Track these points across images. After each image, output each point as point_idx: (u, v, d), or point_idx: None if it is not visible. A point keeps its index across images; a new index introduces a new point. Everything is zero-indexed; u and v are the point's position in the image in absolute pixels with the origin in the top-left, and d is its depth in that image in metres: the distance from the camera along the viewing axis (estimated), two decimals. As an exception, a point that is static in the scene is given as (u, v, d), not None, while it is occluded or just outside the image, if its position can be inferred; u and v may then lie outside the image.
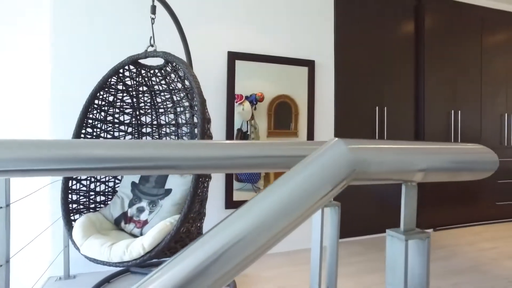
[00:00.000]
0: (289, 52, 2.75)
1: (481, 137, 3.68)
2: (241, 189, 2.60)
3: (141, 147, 0.54)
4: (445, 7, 3.48)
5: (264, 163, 0.61)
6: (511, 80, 3.90)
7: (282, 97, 2.73)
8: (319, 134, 2.88)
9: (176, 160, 0.55)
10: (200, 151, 0.57)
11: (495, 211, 3.79)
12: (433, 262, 2.54)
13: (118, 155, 0.52)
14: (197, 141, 0.61)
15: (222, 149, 0.58)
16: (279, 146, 0.63)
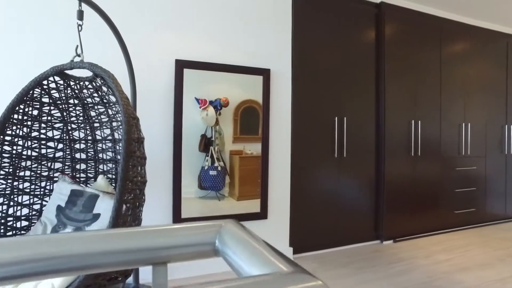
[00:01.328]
0: (243, 60, 2.67)
1: (440, 147, 3.76)
2: (204, 197, 2.54)
3: None
4: (405, 16, 3.52)
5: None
6: (468, 90, 4.01)
7: (249, 102, 2.69)
8: (276, 145, 2.82)
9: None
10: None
11: (453, 220, 3.88)
12: (389, 277, 2.53)
13: None
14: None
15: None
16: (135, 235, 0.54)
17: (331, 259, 2.91)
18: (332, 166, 3.11)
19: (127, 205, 1.42)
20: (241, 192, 2.66)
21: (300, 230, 2.95)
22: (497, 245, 3.36)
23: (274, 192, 2.81)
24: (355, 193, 3.26)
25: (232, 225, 0.53)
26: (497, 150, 4.30)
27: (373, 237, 3.39)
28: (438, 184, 3.73)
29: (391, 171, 3.38)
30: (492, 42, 4.25)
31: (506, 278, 2.56)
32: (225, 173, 2.61)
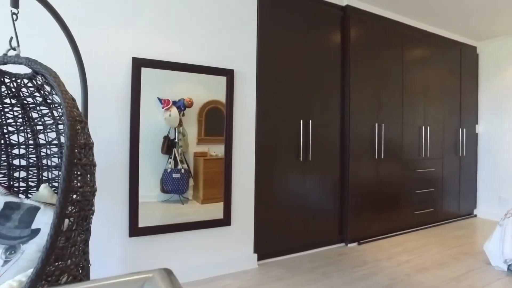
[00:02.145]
0: (206, 60, 2.56)
1: (402, 149, 3.87)
2: (167, 201, 2.43)
3: None
4: (369, 20, 3.58)
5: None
6: (427, 95, 4.18)
7: (214, 102, 2.61)
8: (240, 147, 2.73)
9: None
10: None
11: (413, 220, 4.02)
12: (355, 282, 2.54)
13: None
14: None
15: None
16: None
17: (297, 264, 2.88)
18: (297, 169, 3.08)
19: (71, 220, 1.27)
20: (206, 195, 2.56)
21: (265, 236, 2.89)
22: (452, 244, 3.51)
23: (238, 196, 2.72)
24: (320, 197, 3.26)
25: (159, 279, 0.43)
26: (452, 152, 4.52)
27: (338, 240, 3.42)
28: (400, 185, 3.84)
29: (356, 173, 3.42)
30: (448, 50, 4.46)
31: (460, 276, 2.66)
32: (188, 175, 2.51)
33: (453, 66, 4.54)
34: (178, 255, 2.45)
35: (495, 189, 4.74)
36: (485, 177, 4.86)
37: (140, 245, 2.31)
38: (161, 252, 2.39)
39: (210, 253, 2.59)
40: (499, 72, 4.74)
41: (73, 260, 1.31)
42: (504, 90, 4.68)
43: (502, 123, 4.70)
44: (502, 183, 4.67)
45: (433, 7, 3.67)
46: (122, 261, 2.24)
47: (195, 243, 2.53)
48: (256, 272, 2.69)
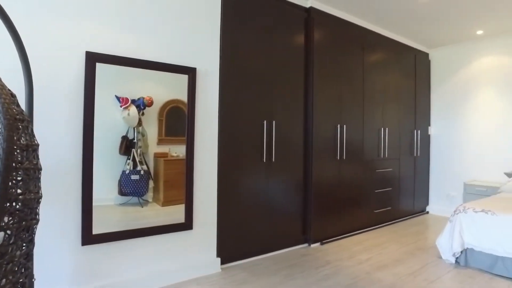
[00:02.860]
0: (167, 57, 2.45)
1: (363, 150, 3.99)
2: (125, 204, 2.30)
3: None
4: (332, 23, 3.64)
5: None
6: (386, 97, 4.35)
7: (175, 102, 2.51)
8: (202, 148, 2.65)
9: None
10: None
11: (373, 219, 4.16)
12: (318, 283, 2.55)
13: None
14: None
15: None
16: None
17: (261, 267, 2.85)
18: (261, 170, 3.05)
19: (8, 232, 1.12)
20: (166, 197, 2.46)
21: (228, 239, 2.82)
22: (408, 240, 3.68)
23: (200, 198, 2.64)
24: (284, 198, 3.26)
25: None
26: (408, 152, 4.75)
27: (302, 241, 3.44)
28: (360, 185, 3.96)
29: (319, 174, 3.46)
30: (404, 55, 4.68)
31: (416, 271, 2.79)
32: (148, 177, 2.38)
33: (409, 71, 4.77)
34: (137, 263, 2.32)
35: (444, 187, 5.06)
36: (436, 176, 5.18)
37: (94, 254, 2.15)
38: (118, 260, 2.24)
39: (172, 259, 2.48)
40: (449, 78, 5.07)
41: (9, 278, 1.16)
42: (453, 95, 5.01)
43: (451, 126, 5.02)
44: (450, 182, 5.00)
45: (390, 13, 3.83)
46: (73, 273, 2.07)
47: (155, 249, 2.40)
48: (219, 276, 2.62)
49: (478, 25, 4.21)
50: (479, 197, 4.27)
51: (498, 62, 4.57)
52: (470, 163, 4.81)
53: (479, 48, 4.76)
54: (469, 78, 4.85)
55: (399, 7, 3.67)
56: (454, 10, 3.72)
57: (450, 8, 3.66)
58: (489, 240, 2.79)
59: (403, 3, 3.54)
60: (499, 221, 2.76)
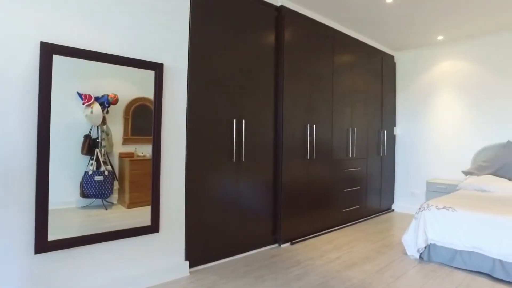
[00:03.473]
0: (132, 51, 2.32)
1: (332, 150, 4.04)
2: (88, 207, 2.16)
3: None
4: (302, 22, 3.65)
5: None
6: (354, 98, 4.44)
7: (142, 99, 2.40)
8: (169, 147, 2.55)
9: None
10: None
11: (341, 217, 4.23)
12: (289, 283, 2.54)
13: None
14: None
15: None
16: None
17: (231, 269, 2.79)
18: (230, 170, 2.99)
19: None
20: (132, 198, 2.34)
21: (197, 241, 2.74)
22: (375, 238, 3.77)
23: (167, 200, 2.54)
24: (253, 198, 3.22)
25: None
26: (375, 152, 4.89)
27: (272, 241, 3.42)
28: (330, 185, 4.01)
29: (288, 174, 3.46)
30: (372, 57, 4.81)
31: (383, 268, 2.86)
32: (113, 178, 2.26)
33: (376, 73, 4.92)
34: (99, 270, 2.18)
35: (408, 185, 5.27)
36: (401, 175, 5.38)
37: (50, 263, 1.98)
38: (78, 268, 2.09)
39: (137, 264, 2.36)
40: (413, 80, 5.28)
41: None
42: (417, 96, 5.23)
43: (414, 126, 5.24)
44: (414, 180, 5.21)
45: (358, 15, 3.91)
46: (24, 285, 1.89)
47: (120, 254, 2.27)
48: (187, 280, 2.53)
49: (439, 31, 4.42)
50: (440, 194, 4.47)
51: (456, 67, 4.82)
52: (431, 162, 5.05)
53: (440, 53, 5.00)
54: (431, 81, 5.08)
55: (367, 10, 3.76)
56: (416, 16, 3.87)
57: (413, 13, 3.80)
58: (450, 235, 2.92)
59: (370, 5, 3.63)
60: (459, 217, 2.90)
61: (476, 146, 4.61)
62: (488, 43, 4.55)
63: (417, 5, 3.58)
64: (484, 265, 2.74)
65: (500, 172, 4.20)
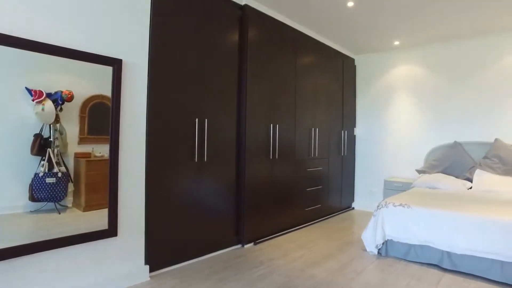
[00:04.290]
0: (87, 45, 2.21)
1: (295, 150, 4.12)
2: (38, 211, 2.02)
3: None
4: (266, 23, 3.69)
5: None
6: (316, 99, 4.57)
7: (100, 97, 2.28)
8: (128, 147, 2.46)
9: None
10: None
11: (304, 216, 4.33)
12: (252, 284, 2.55)
13: None
14: None
15: None
16: None
17: (193, 271, 2.75)
18: (192, 171, 2.95)
19: None
20: (89, 201, 2.23)
21: (158, 244, 2.67)
22: (336, 236, 3.90)
23: (126, 202, 2.44)
24: (216, 198, 3.20)
25: None
26: (336, 152, 5.06)
27: (235, 242, 3.42)
28: (292, 184, 4.09)
29: (251, 174, 3.48)
30: (333, 59, 4.97)
31: (344, 265, 2.96)
32: (67, 180, 2.13)
33: (337, 75, 5.09)
34: (49, 280, 2.04)
35: (367, 184, 5.52)
36: (361, 174, 5.62)
37: (-8, 272, 1.83)
38: (24, 279, 1.94)
39: (94, 270, 2.25)
40: (372, 83, 5.54)
41: None
42: (375, 98, 5.49)
43: (373, 127, 5.50)
44: (373, 179, 5.47)
45: (321, 18, 4.03)
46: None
47: (74, 261, 2.15)
48: (147, 286, 2.45)
49: (395, 37, 4.67)
50: (396, 192, 4.73)
51: (411, 71, 5.13)
52: (389, 161, 5.32)
53: (396, 58, 5.29)
54: (388, 84, 5.36)
55: (329, 13, 3.87)
56: (374, 21, 4.06)
57: (372, 18, 3.99)
58: (405, 230, 3.10)
59: (332, 8, 3.75)
60: (413, 213, 3.08)
61: (428, 146, 4.94)
62: (439, 50, 4.89)
63: (375, 10, 3.76)
64: (434, 257, 2.94)
65: (448, 170, 4.52)
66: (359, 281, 2.62)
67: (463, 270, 2.78)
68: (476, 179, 4.17)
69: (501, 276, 2.61)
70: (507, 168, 4.11)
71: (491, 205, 3.12)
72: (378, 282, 2.61)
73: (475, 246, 2.71)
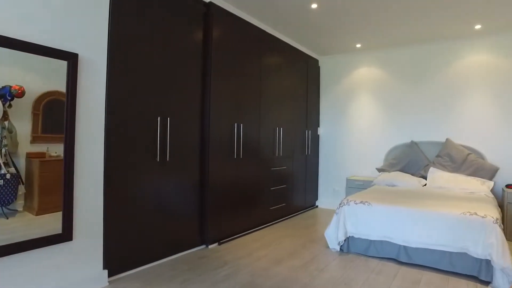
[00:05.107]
0: (40, 37, 2.09)
1: (260, 149, 4.16)
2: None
3: None
4: (232, 22, 3.69)
5: None
6: (281, 99, 4.64)
7: (55, 93, 2.17)
8: (85, 146, 2.36)
9: None
10: None
11: (269, 215, 4.39)
12: (216, 285, 2.54)
13: None
14: None
15: None
16: None
17: (156, 274, 2.69)
18: (154, 171, 2.89)
19: None
20: (42, 204, 2.11)
21: (118, 247, 2.59)
22: (300, 233, 4.00)
23: (82, 204, 2.34)
24: (179, 199, 3.16)
25: None
26: (300, 151, 5.18)
27: (199, 242, 3.39)
28: (257, 183, 4.13)
29: (216, 173, 3.47)
30: (298, 60, 5.08)
31: (307, 262, 3.05)
32: (17, 182, 2.00)
33: (301, 75, 5.20)
34: (-6, 288, 1.92)
35: (331, 182, 5.70)
36: (324, 172, 5.79)
37: None
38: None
39: (47, 278, 2.13)
40: (335, 83, 5.73)
41: None
42: (338, 99, 5.68)
43: (336, 127, 5.69)
44: (336, 177, 5.66)
45: (286, 18, 4.10)
46: None
47: (24, 269, 2.02)
48: (106, 291, 2.38)
49: (357, 40, 4.87)
50: (358, 190, 4.93)
51: (372, 73, 5.38)
52: (351, 160, 5.54)
53: (358, 60, 5.51)
54: (351, 85, 5.58)
55: (293, 13, 3.95)
56: (337, 23, 4.21)
57: (335, 21, 4.13)
58: (365, 227, 3.25)
59: (297, 10, 3.83)
60: (373, 210, 3.24)
61: (388, 145, 5.20)
62: (397, 54, 5.17)
63: (338, 14, 3.89)
64: (392, 251, 3.11)
65: (406, 169, 4.80)
66: (321, 278, 2.71)
67: (418, 262, 2.97)
68: (429, 177, 4.46)
69: (449, 266, 2.83)
70: (456, 165, 4.44)
71: (441, 200, 3.36)
72: (339, 278, 2.72)
73: (428, 240, 2.91)
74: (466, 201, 3.35)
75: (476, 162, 4.34)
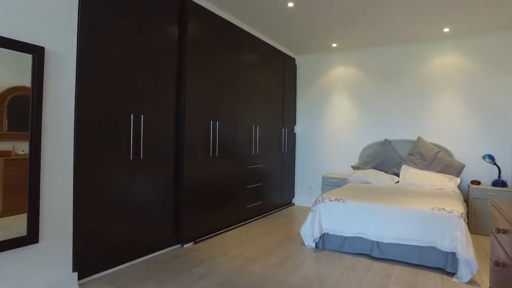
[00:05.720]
0: (2, 28, 1.99)
1: (236, 147, 4.16)
2: None
3: None
4: (207, 18, 3.65)
5: None
6: (258, 97, 4.65)
7: (22, 89, 2.07)
8: (53, 144, 2.27)
9: None
10: None
11: (245, 213, 4.40)
12: (191, 284, 2.52)
13: None
14: None
15: None
16: None
17: (129, 275, 2.63)
18: (127, 169, 2.82)
19: None
20: (7, 205, 2.01)
21: (89, 248, 2.51)
22: (277, 231, 4.03)
23: (50, 204, 2.25)
24: (153, 197, 3.11)
25: None
26: (277, 149, 5.22)
27: (174, 242, 3.35)
28: (233, 181, 4.12)
29: (191, 171, 3.43)
30: (275, 58, 5.11)
31: (283, 260, 3.08)
32: (-23, 182, 1.90)
33: (278, 73, 5.24)
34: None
35: (307, 180, 5.78)
36: (300, 170, 5.86)
37: None
38: None
39: (11, 282, 2.03)
40: (311, 82, 5.81)
41: None
42: (315, 98, 5.76)
43: (312, 125, 5.77)
44: (311, 175, 5.74)
45: (262, 16, 4.11)
46: None
47: (-17, 273, 1.93)
48: (76, 294, 2.30)
49: (333, 39, 4.95)
50: (333, 187, 5.03)
51: (348, 72, 5.49)
52: (327, 158, 5.64)
53: (334, 59, 5.61)
54: (327, 84, 5.67)
55: (270, 12, 3.97)
56: (314, 22, 4.26)
57: (311, 20, 4.18)
58: (340, 224, 3.32)
59: (274, 8, 3.85)
60: (347, 207, 3.31)
61: (363, 144, 5.33)
62: (371, 54, 5.30)
63: (314, 13, 3.94)
64: (365, 247, 3.20)
65: (379, 166, 4.94)
66: (297, 275, 2.74)
67: (390, 257, 3.07)
68: (402, 174, 4.61)
69: (419, 259, 2.95)
70: (426, 163, 4.62)
71: (412, 197, 3.48)
72: (315, 274, 2.76)
73: (399, 235, 3.01)
74: (435, 197, 3.49)
75: (445, 159, 4.53)
